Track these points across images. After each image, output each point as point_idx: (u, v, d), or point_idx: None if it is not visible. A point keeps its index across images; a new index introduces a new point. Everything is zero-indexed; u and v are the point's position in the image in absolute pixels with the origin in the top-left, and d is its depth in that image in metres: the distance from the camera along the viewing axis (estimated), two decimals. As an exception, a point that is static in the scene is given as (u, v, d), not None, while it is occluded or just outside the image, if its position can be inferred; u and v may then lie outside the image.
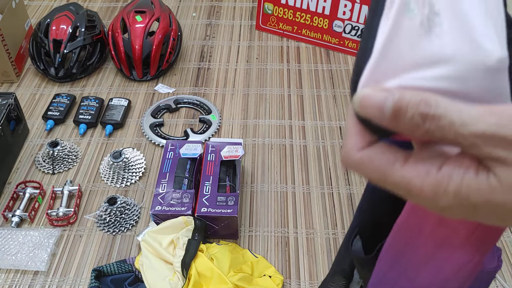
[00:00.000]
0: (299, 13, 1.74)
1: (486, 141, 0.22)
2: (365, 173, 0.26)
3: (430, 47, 0.25)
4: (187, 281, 1.00)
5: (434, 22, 0.25)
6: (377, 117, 0.24)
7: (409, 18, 0.26)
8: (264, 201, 1.25)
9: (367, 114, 0.25)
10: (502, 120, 0.22)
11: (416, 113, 0.23)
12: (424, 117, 0.23)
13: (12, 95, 1.33)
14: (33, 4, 1.99)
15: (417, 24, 0.25)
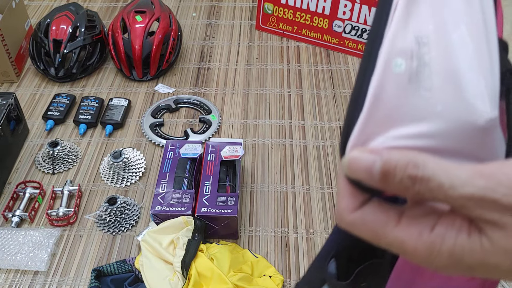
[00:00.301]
0: (299, 13, 1.74)
1: (476, 203, 0.22)
2: (359, 233, 0.26)
3: (419, 102, 0.25)
4: (187, 281, 1.00)
5: (424, 75, 0.25)
6: (367, 179, 0.25)
7: (397, 74, 0.25)
8: (264, 201, 1.25)
9: (357, 176, 0.25)
10: (491, 182, 0.22)
11: (404, 176, 0.23)
12: (413, 180, 0.23)
13: (12, 95, 1.33)
14: (33, 4, 1.99)
15: (405, 80, 0.25)
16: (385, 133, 0.25)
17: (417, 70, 0.25)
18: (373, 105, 0.25)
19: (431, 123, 0.24)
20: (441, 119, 0.24)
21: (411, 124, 0.25)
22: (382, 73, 0.26)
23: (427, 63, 0.25)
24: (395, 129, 0.25)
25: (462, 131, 0.24)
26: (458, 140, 0.24)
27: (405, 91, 0.25)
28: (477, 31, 0.26)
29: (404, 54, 0.25)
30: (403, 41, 0.26)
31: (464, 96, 0.25)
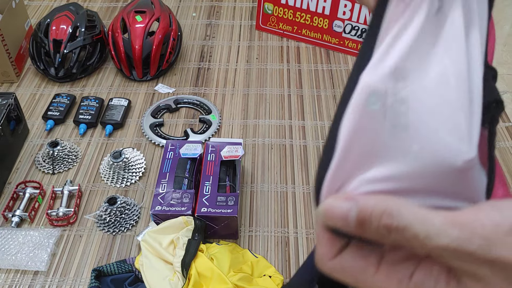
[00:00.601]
0: (299, 13, 1.74)
1: (451, 254, 0.22)
2: (340, 278, 0.26)
3: (395, 142, 0.24)
4: (187, 281, 1.00)
5: (400, 112, 0.24)
6: (343, 227, 0.24)
7: (371, 112, 0.24)
8: (264, 201, 1.25)
9: (333, 225, 0.25)
10: (465, 233, 0.22)
11: (380, 225, 0.23)
12: (388, 229, 0.23)
13: (12, 95, 1.33)
14: (33, 4, 1.99)
15: (380, 118, 0.24)
16: (360, 175, 0.24)
17: (393, 107, 0.24)
18: (346, 147, 0.25)
19: (407, 163, 0.24)
20: (417, 160, 0.24)
21: (386, 165, 0.24)
22: (355, 112, 0.25)
23: (404, 99, 0.24)
24: (370, 171, 0.24)
25: (440, 172, 0.24)
26: (436, 180, 0.24)
27: (380, 130, 0.24)
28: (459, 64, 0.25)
29: (380, 90, 0.24)
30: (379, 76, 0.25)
31: (441, 135, 0.24)
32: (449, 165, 0.24)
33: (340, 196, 0.25)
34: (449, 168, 0.24)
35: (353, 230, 0.24)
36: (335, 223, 0.24)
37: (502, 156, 1.39)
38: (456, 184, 0.24)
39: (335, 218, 0.24)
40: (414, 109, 0.24)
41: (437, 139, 0.24)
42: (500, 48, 1.84)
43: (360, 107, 0.25)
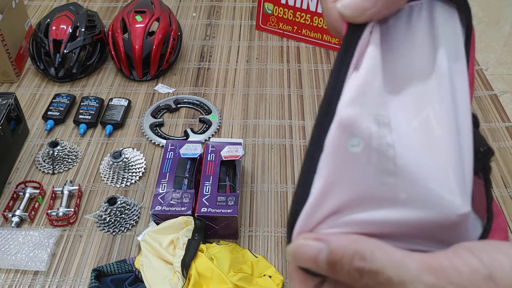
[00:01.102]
0: (299, 13, 1.74)
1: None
2: None
3: (380, 188, 0.22)
4: (187, 281, 1.00)
5: (387, 156, 0.22)
6: (314, 268, 0.23)
7: (354, 152, 0.23)
8: (264, 201, 1.25)
9: (303, 265, 0.23)
10: (440, 280, 0.20)
11: (351, 268, 0.21)
12: (360, 272, 0.21)
13: (12, 95, 1.33)
14: (33, 4, 1.99)
15: (363, 160, 0.22)
16: (337, 217, 0.23)
17: (378, 151, 0.22)
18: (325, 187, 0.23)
19: (392, 211, 0.22)
20: (404, 209, 0.22)
21: (368, 209, 0.22)
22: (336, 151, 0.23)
23: (390, 144, 0.23)
24: (349, 214, 0.23)
25: (429, 223, 0.22)
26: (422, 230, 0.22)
27: (364, 173, 0.23)
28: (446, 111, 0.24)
29: (361, 132, 0.23)
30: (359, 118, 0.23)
31: (432, 187, 0.22)
32: (441, 218, 0.22)
33: (310, 235, 0.23)
34: (441, 221, 0.22)
35: (324, 272, 0.23)
36: (305, 264, 0.23)
37: (502, 156, 1.39)
38: (444, 234, 0.23)
39: (305, 259, 0.23)
40: (401, 155, 0.23)
41: (428, 190, 0.22)
42: (500, 48, 1.84)
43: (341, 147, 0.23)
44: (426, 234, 0.23)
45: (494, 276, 0.20)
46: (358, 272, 0.21)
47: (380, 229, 0.23)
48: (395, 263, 0.21)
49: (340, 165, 0.23)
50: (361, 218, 0.23)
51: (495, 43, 1.86)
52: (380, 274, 0.21)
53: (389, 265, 0.21)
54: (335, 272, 0.22)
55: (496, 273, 0.20)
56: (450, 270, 0.21)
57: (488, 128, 1.48)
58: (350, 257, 0.22)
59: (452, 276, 0.20)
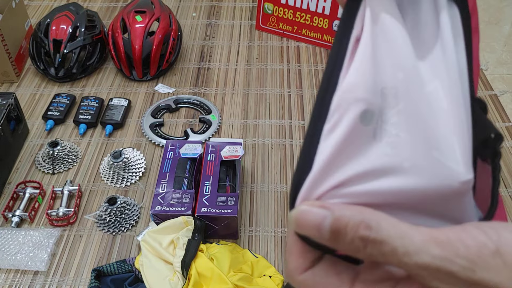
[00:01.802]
0: (299, 13, 1.74)
1: (431, 274, 0.20)
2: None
3: (383, 158, 0.23)
4: (187, 281, 1.00)
5: (391, 129, 0.23)
6: (316, 237, 0.22)
7: (364, 125, 0.23)
8: (264, 201, 1.25)
9: (305, 233, 0.23)
10: (447, 252, 0.20)
11: (355, 237, 0.21)
12: (364, 241, 0.21)
13: (12, 95, 1.33)
14: (33, 4, 1.99)
15: (370, 133, 0.23)
16: (341, 187, 0.23)
17: (383, 124, 0.23)
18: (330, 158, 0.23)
19: (394, 181, 0.22)
20: (407, 178, 0.22)
21: (372, 179, 0.22)
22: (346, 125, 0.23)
23: (394, 116, 0.23)
24: (353, 184, 0.23)
25: (432, 191, 0.22)
26: (425, 200, 0.23)
27: (368, 144, 0.23)
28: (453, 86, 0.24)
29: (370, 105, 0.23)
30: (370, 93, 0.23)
31: (435, 155, 0.23)
32: (444, 185, 0.22)
33: (315, 202, 0.23)
34: (443, 188, 0.22)
35: (326, 242, 0.22)
36: (308, 231, 0.22)
37: (503, 156, 1.38)
38: (446, 206, 0.23)
39: (308, 226, 0.22)
40: (405, 127, 0.23)
41: (431, 159, 0.23)
42: (500, 48, 1.84)
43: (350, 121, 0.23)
44: (430, 207, 0.23)
45: (501, 252, 0.20)
46: (362, 241, 0.21)
47: (384, 200, 0.22)
48: (401, 234, 0.21)
49: (348, 137, 0.23)
50: (365, 188, 0.23)
51: (495, 43, 1.86)
52: (385, 244, 0.21)
53: (394, 236, 0.21)
54: (338, 241, 0.22)
55: (503, 248, 0.20)
56: (457, 244, 0.20)
57: (488, 128, 1.47)
58: (355, 226, 0.21)
59: (459, 249, 0.20)
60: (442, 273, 0.20)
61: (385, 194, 0.23)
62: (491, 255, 0.20)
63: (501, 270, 0.20)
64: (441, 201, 0.23)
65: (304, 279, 0.24)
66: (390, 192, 0.22)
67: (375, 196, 0.23)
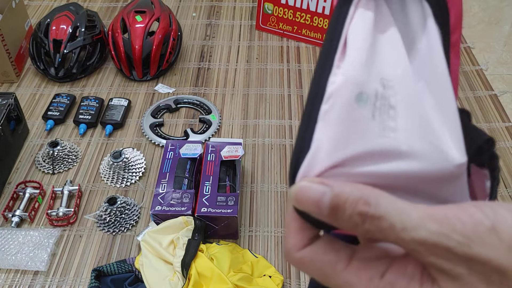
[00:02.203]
0: (299, 13, 1.74)
1: (428, 249, 0.21)
2: (307, 272, 0.24)
3: (382, 141, 0.23)
4: (187, 281, 1.00)
5: (388, 115, 0.24)
6: (315, 212, 0.23)
7: (360, 108, 0.24)
8: (264, 201, 1.25)
9: (304, 209, 0.23)
10: (444, 228, 0.21)
11: (354, 213, 0.22)
12: (363, 217, 0.21)
13: (12, 95, 1.33)
14: (33, 4, 1.99)
15: (368, 116, 0.24)
16: (339, 167, 0.23)
17: (381, 109, 0.24)
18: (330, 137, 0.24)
19: (392, 163, 0.23)
20: (404, 161, 0.23)
21: (369, 161, 0.23)
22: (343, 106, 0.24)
23: (392, 105, 0.24)
24: (352, 162, 0.23)
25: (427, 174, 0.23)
26: (419, 182, 0.23)
27: (367, 127, 0.23)
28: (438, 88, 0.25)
29: (369, 91, 0.24)
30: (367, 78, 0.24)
31: (431, 140, 0.23)
32: (440, 168, 0.23)
33: (315, 179, 0.23)
34: (439, 171, 0.23)
35: (325, 217, 0.23)
36: (307, 207, 0.23)
37: (502, 156, 1.39)
38: (442, 189, 0.24)
39: (308, 202, 0.23)
40: (402, 114, 0.24)
41: (427, 143, 0.23)
42: (500, 48, 1.84)
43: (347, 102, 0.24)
44: (425, 190, 0.23)
45: (497, 229, 0.20)
46: (361, 217, 0.21)
47: (382, 181, 0.23)
48: (399, 211, 0.21)
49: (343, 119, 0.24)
50: (364, 170, 0.23)
51: (495, 43, 1.86)
52: (383, 220, 0.21)
53: (392, 212, 0.21)
54: (336, 217, 0.22)
55: (499, 226, 0.21)
56: (454, 220, 0.21)
57: (488, 128, 1.47)
58: (354, 202, 0.22)
59: (455, 225, 0.21)
60: (438, 249, 0.21)
61: (383, 176, 0.23)
62: (487, 231, 0.20)
63: (496, 246, 0.20)
64: (437, 184, 0.23)
65: (302, 256, 0.24)
66: (388, 174, 0.23)
67: (373, 178, 0.23)
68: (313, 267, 0.24)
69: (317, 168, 0.24)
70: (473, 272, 0.21)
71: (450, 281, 0.21)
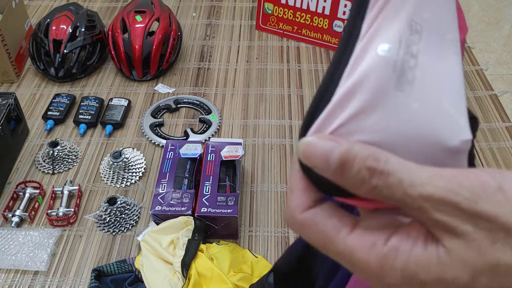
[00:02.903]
0: (299, 13, 1.74)
1: (434, 205, 0.21)
2: (308, 237, 0.24)
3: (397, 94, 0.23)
4: (187, 281, 1.00)
5: (408, 65, 0.23)
6: (322, 168, 0.22)
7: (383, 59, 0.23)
8: (264, 201, 1.25)
9: (311, 164, 0.23)
10: (451, 184, 0.21)
11: (363, 167, 0.22)
12: (371, 172, 0.21)
13: (12, 95, 1.33)
14: (33, 4, 1.99)
15: (390, 68, 0.23)
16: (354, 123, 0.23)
17: (403, 58, 0.23)
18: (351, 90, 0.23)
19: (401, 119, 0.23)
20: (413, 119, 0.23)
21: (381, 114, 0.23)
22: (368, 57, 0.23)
23: (414, 53, 0.24)
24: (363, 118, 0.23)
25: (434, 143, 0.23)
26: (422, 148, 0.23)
27: (387, 80, 0.23)
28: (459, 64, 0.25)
29: (394, 38, 0.23)
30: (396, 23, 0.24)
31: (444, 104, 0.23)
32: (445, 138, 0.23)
33: (325, 135, 0.23)
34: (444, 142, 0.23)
35: (331, 174, 0.22)
36: (314, 161, 0.23)
37: (502, 156, 1.39)
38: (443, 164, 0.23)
39: (316, 156, 0.22)
40: (421, 66, 0.23)
41: (440, 105, 0.23)
42: (500, 48, 1.84)
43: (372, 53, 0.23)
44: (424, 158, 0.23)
45: (503, 188, 0.21)
46: (369, 172, 0.21)
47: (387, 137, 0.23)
48: (408, 168, 0.21)
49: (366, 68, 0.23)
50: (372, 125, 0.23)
51: (495, 43, 1.86)
52: (392, 175, 0.21)
53: (401, 169, 0.21)
54: (343, 173, 0.22)
55: (506, 185, 0.21)
56: (461, 179, 0.21)
57: (488, 128, 1.48)
58: (363, 157, 0.22)
59: (463, 183, 0.21)
60: (445, 204, 0.21)
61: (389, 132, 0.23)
62: (494, 190, 0.21)
63: (503, 204, 0.20)
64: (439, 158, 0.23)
65: (305, 217, 0.23)
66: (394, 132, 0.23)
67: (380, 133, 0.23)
68: (315, 231, 0.23)
69: (331, 126, 0.23)
70: (479, 229, 0.20)
71: (455, 239, 0.21)
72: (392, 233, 0.22)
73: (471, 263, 0.21)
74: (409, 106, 0.23)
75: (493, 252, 0.20)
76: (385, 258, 0.22)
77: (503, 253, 0.20)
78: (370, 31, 0.24)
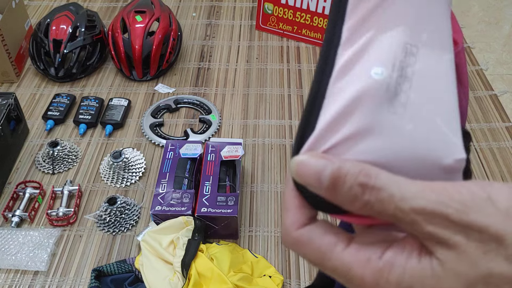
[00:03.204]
0: (299, 13, 1.74)
1: (426, 218, 0.21)
2: (304, 254, 0.24)
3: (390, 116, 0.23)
4: (187, 281, 1.00)
5: (402, 88, 0.23)
6: (315, 186, 0.23)
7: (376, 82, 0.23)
8: (264, 201, 1.25)
9: (304, 182, 0.23)
10: (442, 197, 0.21)
11: (355, 183, 0.22)
12: (363, 188, 0.22)
13: (12, 95, 1.33)
14: (33, 4, 1.99)
15: (383, 90, 0.23)
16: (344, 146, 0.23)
17: (397, 81, 0.23)
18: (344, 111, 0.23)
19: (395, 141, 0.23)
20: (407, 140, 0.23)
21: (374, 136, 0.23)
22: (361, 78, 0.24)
23: (408, 76, 0.24)
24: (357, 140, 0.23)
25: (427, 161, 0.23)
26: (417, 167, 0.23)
27: (380, 103, 0.23)
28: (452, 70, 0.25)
29: (387, 61, 0.24)
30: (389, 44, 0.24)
31: (438, 123, 0.23)
32: (439, 157, 0.23)
33: (317, 153, 0.24)
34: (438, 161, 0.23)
35: (324, 192, 0.23)
36: (308, 180, 0.23)
37: (502, 156, 1.39)
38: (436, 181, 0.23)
39: (308, 174, 0.23)
40: (416, 88, 0.24)
41: (434, 125, 0.23)
42: (500, 48, 1.84)
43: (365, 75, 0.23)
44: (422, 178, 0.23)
45: (493, 198, 0.21)
46: (361, 188, 0.22)
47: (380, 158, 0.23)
48: (398, 183, 0.22)
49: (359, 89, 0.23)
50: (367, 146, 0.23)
51: (495, 43, 1.86)
52: (383, 190, 0.22)
53: (392, 184, 0.22)
54: (336, 190, 0.22)
55: (495, 196, 0.21)
56: (451, 191, 0.21)
57: (488, 128, 1.48)
58: (355, 174, 0.22)
59: (454, 195, 0.21)
60: (436, 217, 0.21)
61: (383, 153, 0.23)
62: (484, 201, 0.21)
63: (493, 214, 0.21)
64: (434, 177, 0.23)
65: (300, 234, 0.24)
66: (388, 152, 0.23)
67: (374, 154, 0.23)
68: (310, 247, 0.24)
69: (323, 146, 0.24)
70: (470, 240, 0.21)
71: (448, 251, 0.21)
72: (387, 248, 0.23)
73: (464, 274, 0.21)
74: (403, 127, 0.23)
75: (486, 263, 0.20)
76: (380, 272, 0.22)
77: (496, 263, 0.20)
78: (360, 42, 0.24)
